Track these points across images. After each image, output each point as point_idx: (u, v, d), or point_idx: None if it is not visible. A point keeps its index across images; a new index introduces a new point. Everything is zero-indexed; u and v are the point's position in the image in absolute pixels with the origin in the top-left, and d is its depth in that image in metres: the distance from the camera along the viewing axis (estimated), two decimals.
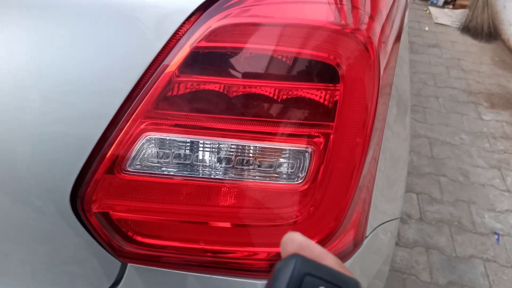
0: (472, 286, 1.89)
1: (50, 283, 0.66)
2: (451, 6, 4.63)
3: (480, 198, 2.33)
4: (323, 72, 0.54)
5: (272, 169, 0.57)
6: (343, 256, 0.63)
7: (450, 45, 3.94)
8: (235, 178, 0.57)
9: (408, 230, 2.11)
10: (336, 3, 0.58)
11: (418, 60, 3.64)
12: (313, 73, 0.55)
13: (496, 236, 2.12)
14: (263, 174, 0.57)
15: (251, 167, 0.57)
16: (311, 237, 0.58)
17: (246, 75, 0.54)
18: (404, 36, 1.06)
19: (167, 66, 0.52)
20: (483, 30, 4.04)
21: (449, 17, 4.42)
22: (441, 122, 2.90)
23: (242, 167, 0.57)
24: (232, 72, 0.54)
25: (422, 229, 2.12)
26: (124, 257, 0.61)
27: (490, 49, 3.94)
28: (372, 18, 0.60)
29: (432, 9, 4.56)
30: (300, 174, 0.56)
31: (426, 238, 2.08)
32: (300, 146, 0.56)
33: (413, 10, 4.56)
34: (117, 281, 0.63)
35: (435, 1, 4.63)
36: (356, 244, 0.64)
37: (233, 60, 0.54)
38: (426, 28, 4.22)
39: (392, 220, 0.79)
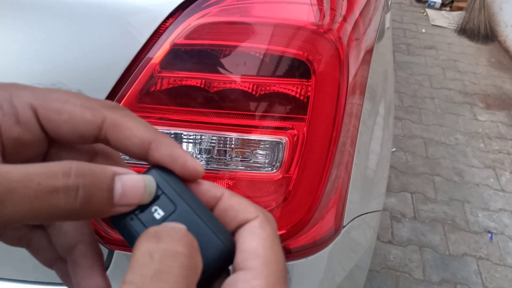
0: (465, 283, 1.91)
1: (43, 272, 0.70)
2: (448, 8, 4.66)
3: (474, 197, 2.36)
4: (297, 68, 0.58)
5: (249, 159, 0.60)
6: (320, 244, 0.66)
7: (446, 46, 3.97)
8: (214, 168, 0.60)
9: (402, 228, 2.14)
10: (312, 4, 0.61)
11: (415, 61, 3.67)
12: (288, 69, 0.58)
13: (489, 235, 2.15)
14: (241, 165, 0.60)
15: (229, 157, 0.60)
16: (286, 224, 0.61)
17: (224, 71, 0.57)
18: (387, 40, 1.09)
19: (148, 62, 0.55)
20: (479, 32, 4.07)
21: (446, 19, 4.45)
22: (437, 122, 2.93)
23: (220, 157, 0.60)
24: (211, 68, 0.57)
25: (416, 228, 2.15)
26: (111, 244, 0.64)
27: (486, 50, 3.97)
28: (344, 19, 0.63)
29: (429, 11, 4.59)
30: (275, 164, 0.60)
31: (420, 236, 2.11)
32: (275, 137, 0.59)
33: (410, 13, 4.60)
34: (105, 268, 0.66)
35: (432, 3, 4.66)
36: (334, 231, 0.67)
37: (212, 57, 0.57)
38: (423, 30, 4.25)
39: (372, 212, 0.82)
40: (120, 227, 0.26)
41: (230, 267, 0.26)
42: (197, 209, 0.26)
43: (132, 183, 0.24)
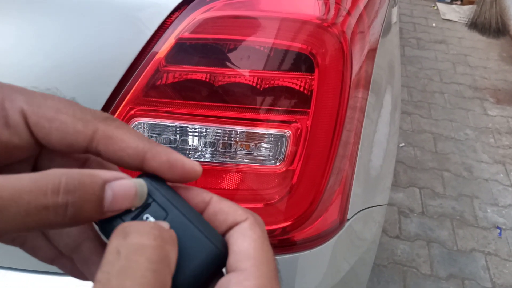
0: (473, 279, 1.90)
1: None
2: (459, 2, 4.60)
3: (483, 193, 2.34)
4: (301, 62, 0.58)
5: (253, 152, 0.61)
6: (324, 236, 0.67)
7: (457, 41, 3.93)
8: (219, 161, 0.61)
9: (409, 223, 2.13)
10: None
11: (424, 56, 3.64)
12: (291, 63, 0.59)
13: (498, 230, 2.13)
14: (245, 158, 0.61)
15: (233, 150, 0.61)
16: (290, 216, 0.62)
17: (229, 65, 0.58)
18: (394, 35, 1.08)
19: (154, 56, 0.56)
20: (491, 26, 4.02)
21: (457, 13, 4.40)
22: (446, 117, 2.91)
23: (225, 150, 0.61)
24: (216, 62, 0.58)
25: (424, 223, 2.14)
26: None
27: (497, 44, 3.92)
28: (349, 13, 0.63)
29: (440, 5, 4.54)
30: (278, 157, 0.61)
31: (428, 231, 2.10)
32: (279, 131, 0.59)
33: (421, 6, 4.55)
34: None
35: None
36: (338, 224, 0.68)
37: (216, 51, 0.58)
38: (433, 24, 4.21)
39: (377, 206, 0.83)
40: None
41: (224, 270, 0.26)
42: (188, 214, 0.26)
43: (122, 189, 0.24)
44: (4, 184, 0.20)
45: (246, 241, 0.25)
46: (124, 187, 0.24)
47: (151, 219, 0.26)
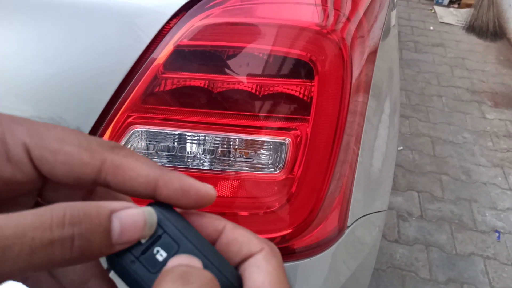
0: (472, 283, 1.90)
1: None
2: (456, 5, 4.62)
3: (481, 197, 2.34)
4: (300, 69, 0.58)
5: (252, 160, 0.60)
6: (324, 244, 0.66)
7: (454, 44, 3.94)
8: (218, 168, 0.60)
9: (408, 227, 2.13)
10: (316, 4, 0.61)
11: (422, 59, 3.65)
12: (291, 70, 0.58)
13: (497, 234, 2.13)
14: (244, 165, 0.60)
15: (232, 158, 0.60)
16: (290, 224, 0.62)
17: (227, 72, 0.57)
18: (393, 38, 1.08)
19: (152, 63, 0.55)
20: (488, 29, 4.03)
21: (454, 16, 4.41)
22: (444, 121, 2.91)
23: (223, 158, 0.60)
24: (215, 69, 0.57)
25: (422, 227, 2.14)
26: None
27: (495, 48, 3.93)
28: (348, 19, 0.63)
29: (437, 9, 4.56)
30: (278, 165, 0.60)
31: (427, 235, 2.10)
32: (278, 138, 0.59)
33: (418, 10, 4.56)
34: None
35: (440, 0, 4.62)
36: (337, 232, 0.67)
37: (215, 58, 0.57)
38: (431, 28, 4.22)
39: (377, 212, 0.82)
40: (121, 272, 0.25)
41: None
42: (200, 246, 0.25)
43: (131, 219, 0.23)
44: (6, 223, 0.19)
45: (261, 274, 0.24)
46: (132, 216, 0.23)
47: (162, 252, 0.24)
